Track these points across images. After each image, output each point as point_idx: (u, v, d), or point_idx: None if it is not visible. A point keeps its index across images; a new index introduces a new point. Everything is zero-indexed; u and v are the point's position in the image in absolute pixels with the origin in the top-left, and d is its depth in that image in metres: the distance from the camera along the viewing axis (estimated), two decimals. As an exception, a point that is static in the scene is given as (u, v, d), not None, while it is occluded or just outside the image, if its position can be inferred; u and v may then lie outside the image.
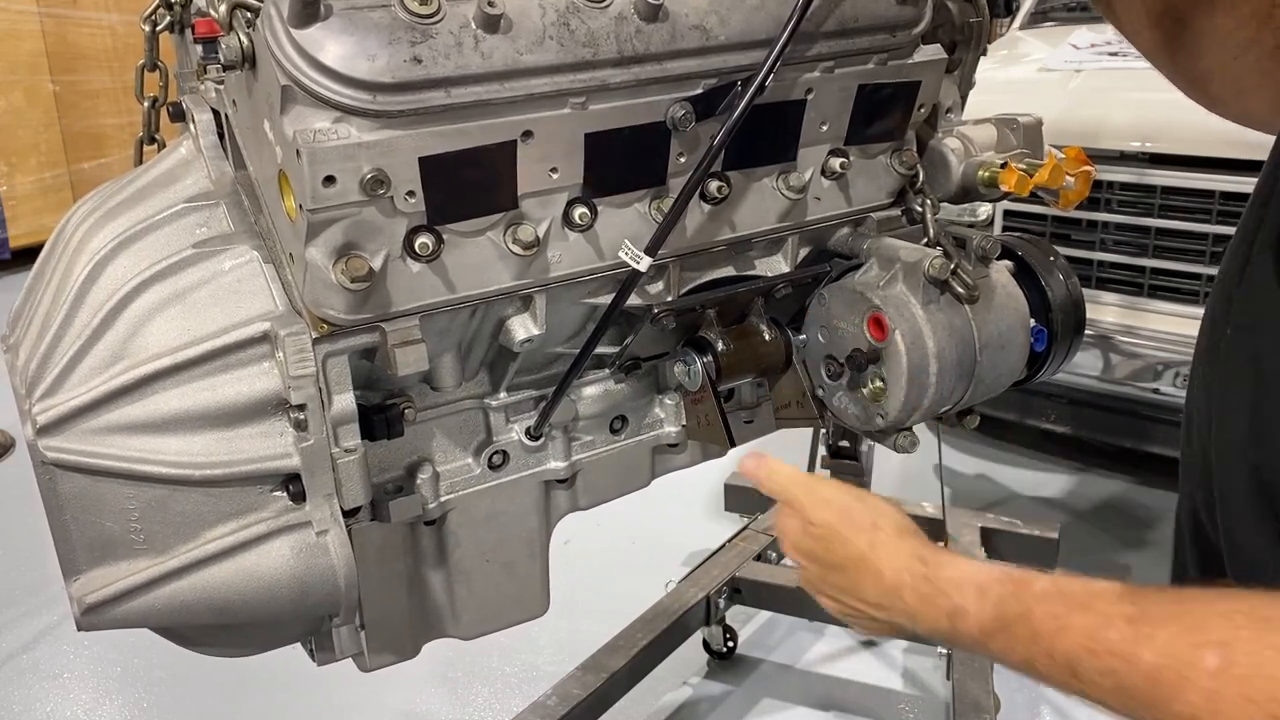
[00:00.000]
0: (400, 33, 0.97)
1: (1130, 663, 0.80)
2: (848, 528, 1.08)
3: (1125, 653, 0.81)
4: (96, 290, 1.11)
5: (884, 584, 1.04)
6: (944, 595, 0.99)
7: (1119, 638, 0.82)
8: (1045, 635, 0.88)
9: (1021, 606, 0.92)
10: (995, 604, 0.94)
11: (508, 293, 1.15)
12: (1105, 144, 2.99)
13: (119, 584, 1.09)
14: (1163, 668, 0.78)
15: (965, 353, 1.29)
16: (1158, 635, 0.79)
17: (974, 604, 0.96)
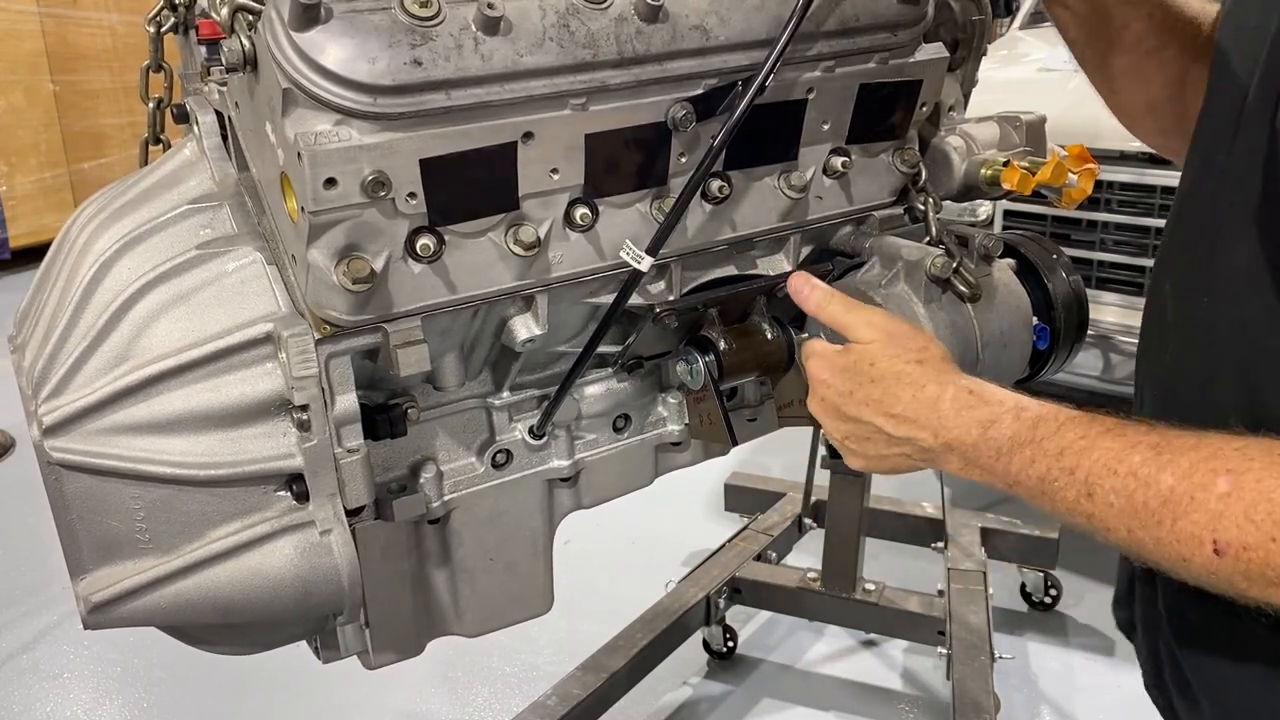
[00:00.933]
0: (400, 35, 0.98)
1: (1149, 484, 0.86)
2: (900, 345, 1.10)
3: (1145, 475, 0.86)
4: (101, 291, 1.11)
5: (924, 394, 1.06)
6: (984, 405, 1.02)
7: (1141, 460, 0.87)
8: (1072, 452, 0.92)
9: (1055, 424, 0.96)
10: (1032, 419, 0.98)
11: (509, 293, 1.16)
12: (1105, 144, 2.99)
13: (125, 583, 1.09)
14: (1177, 489, 0.84)
15: (967, 351, 1.29)
16: (1179, 461, 0.85)
17: (1011, 415, 1.00)
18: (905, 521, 3.28)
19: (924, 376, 1.07)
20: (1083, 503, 0.92)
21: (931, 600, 2.88)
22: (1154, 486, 0.86)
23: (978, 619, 2.74)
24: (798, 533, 3.29)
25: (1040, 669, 2.98)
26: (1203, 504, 0.83)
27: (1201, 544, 0.83)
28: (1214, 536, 0.82)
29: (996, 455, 1.00)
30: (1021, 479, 0.97)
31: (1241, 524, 0.81)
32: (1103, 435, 0.92)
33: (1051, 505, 0.96)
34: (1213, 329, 0.96)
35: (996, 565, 3.02)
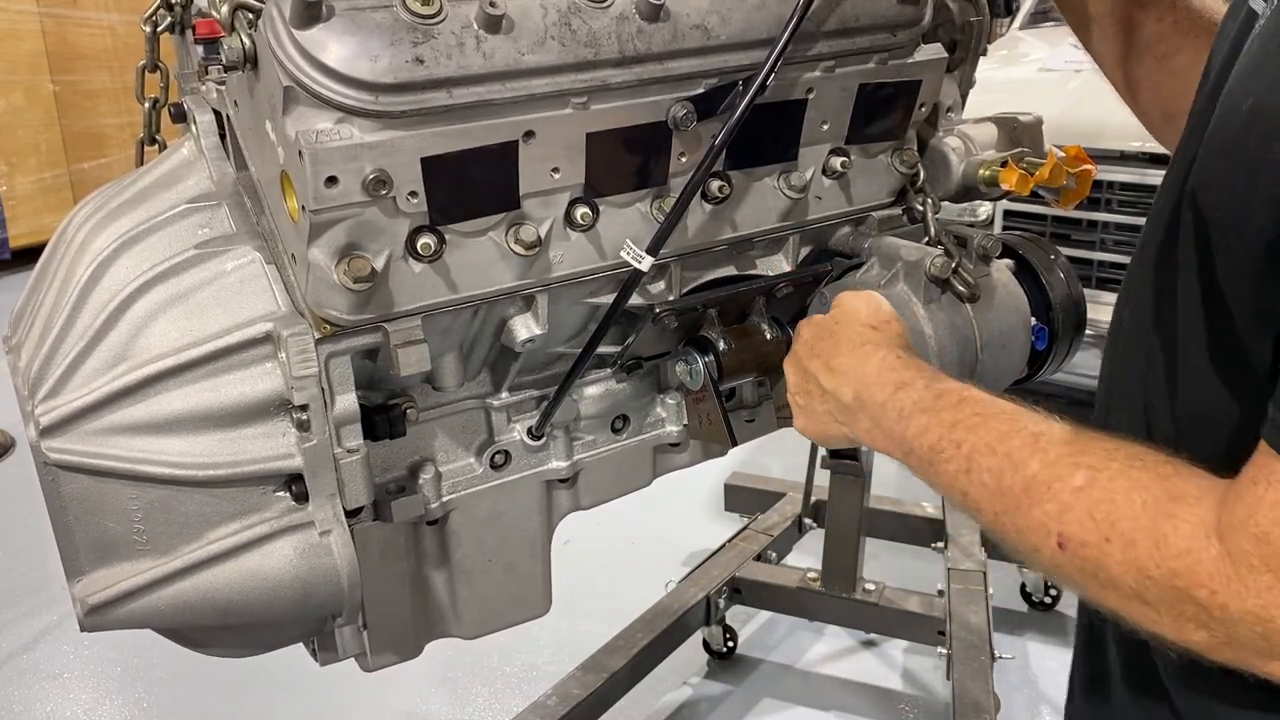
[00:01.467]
0: (402, 33, 0.97)
1: (1017, 468, 0.88)
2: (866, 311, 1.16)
3: (1018, 458, 0.88)
4: (99, 291, 1.11)
5: (860, 352, 1.10)
6: (904, 370, 1.06)
7: (1019, 444, 0.89)
8: (963, 426, 0.95)
9: (957, 398, 0.99)
10: (939, 390, 1.01)
11: (510, 293, 1.15)
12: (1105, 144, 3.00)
13: (122, 585, 1.09)
14: (1040, 477, 0.86)
15: (966, 351, 1.29)
16: (1049, 451, 0.87)
17: (923, 382, 1.03)
18: (905, 521, 3.28)
19: (870, 338, 1.12)
20: (960, 479, 0.94)
21: (931, 600, 2.88)
22: (1021, 471, 0.88)
23: (978, 619, 2.74)
24: (798, 533, 3.30)
25: (1040, 669, 2.98)
26: (1057, 495, 0.84)
27: (1049, 535, 0.84)
28: (1059, 529, 0.83)
29: (898, 417, 1.02)
30: (915, 446, 1.00)
31: (1083, 520, 0.82)
32: (995, 416, 0.94)
33: (936, 478, 0.98)
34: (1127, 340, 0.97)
35: (996, 565, 3.02)
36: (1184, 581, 0.76)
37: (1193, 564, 0.76)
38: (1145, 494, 0.80)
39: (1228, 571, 0.74)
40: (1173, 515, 0.78)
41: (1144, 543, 0.78)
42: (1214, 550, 0.75)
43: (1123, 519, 0.80)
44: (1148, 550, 0.78)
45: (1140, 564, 0.79)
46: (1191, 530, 0.77)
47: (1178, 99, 1.22)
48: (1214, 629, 0.77)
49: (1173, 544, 0.77)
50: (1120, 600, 0.82)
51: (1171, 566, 0.77)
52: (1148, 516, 0.79)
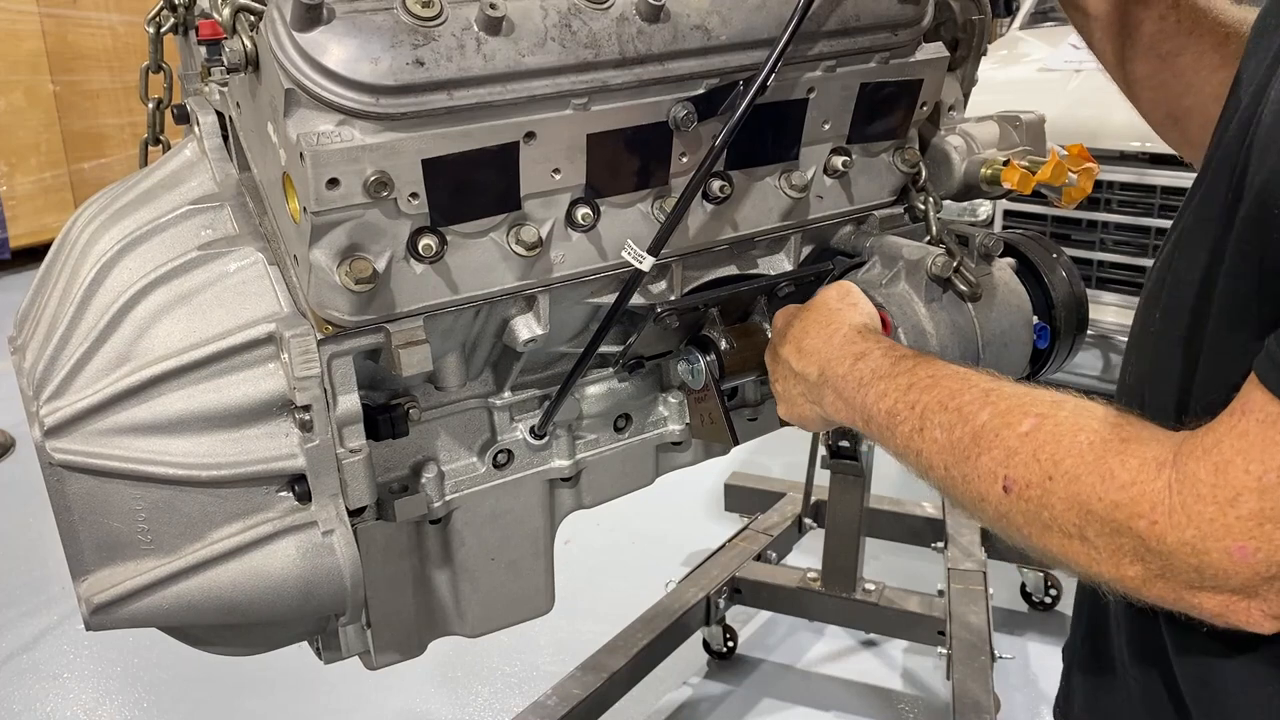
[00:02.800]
0: (403, 35, 0.98)
1: (967, 420, 0.90)
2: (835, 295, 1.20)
3: (968, 411, 0.91)
4: (103, 292, 1.11)
5: (826, 330, 1.14)
6: (863, 341, 1.10)
7: (970, 399, 0.92)
8: (918, 388, 0.98)
9: (913, 362, 1.02)
10: (896, 357, 1.05)
11: (511, 293, 1.16)
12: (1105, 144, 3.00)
13: (127, 584, 1.09)
14: (988, 426, 0.88)
15: (968, 350, 1.29)
16: (999, 404, 0.89)
17: (879, 353, 1.07)
18: (905, 521, 3.28)
19: (836, 318, 1.16)
20: (914, 438, 0.96)
21: (931, 600, 2.88)
22: (971, 422, 0.90)
23: (978, 619, 2.74)
24: (798, 533, 3.30)
25: (1040, 669, 2.98)
26: (1004, 441, 0.86)
27: (995, 480, 0.86)
28: (1005, 473, 0.85)
29: (858, 386, 1.05)
30: (874, 413, 1.02)
31: (1028, 461, 0.83)
32: (948, 377, 0.97)
33: (893, 441, 1.00)
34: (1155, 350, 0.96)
35: (996, 565, 3.02)
36: (1125, 513, 0.78)
37: (1136, 495, 0.77)
38: (1092, 435, 0.81)
39: (1171, 502, 0.75)
40: (1121, 452, 0.79)
41: (1088, 477, 0.80)
42: (1161, 481, 0.76)
43: (1066, 457, 0.81)
44: (1091, 484, 0.79)
45: (1082, 498, 0.80)
46: (1140, 464, 0.78)
47: (1182, 98, 1.21)
48: (1149, 561, 0.77)
49: (1118, 476, 0.78)
50: (1061, 541, 0.83)
51: (1114, 498, 0.78)
52: (1094, 453, 0.80)
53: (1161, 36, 1.20)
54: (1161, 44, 1.20)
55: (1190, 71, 1.19)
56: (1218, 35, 1.17)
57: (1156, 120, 1.28)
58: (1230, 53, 1.15)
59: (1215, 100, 1.17)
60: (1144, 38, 1.21)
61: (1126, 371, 1.03)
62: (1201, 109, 1.20)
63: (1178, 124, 1.25)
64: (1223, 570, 0.74)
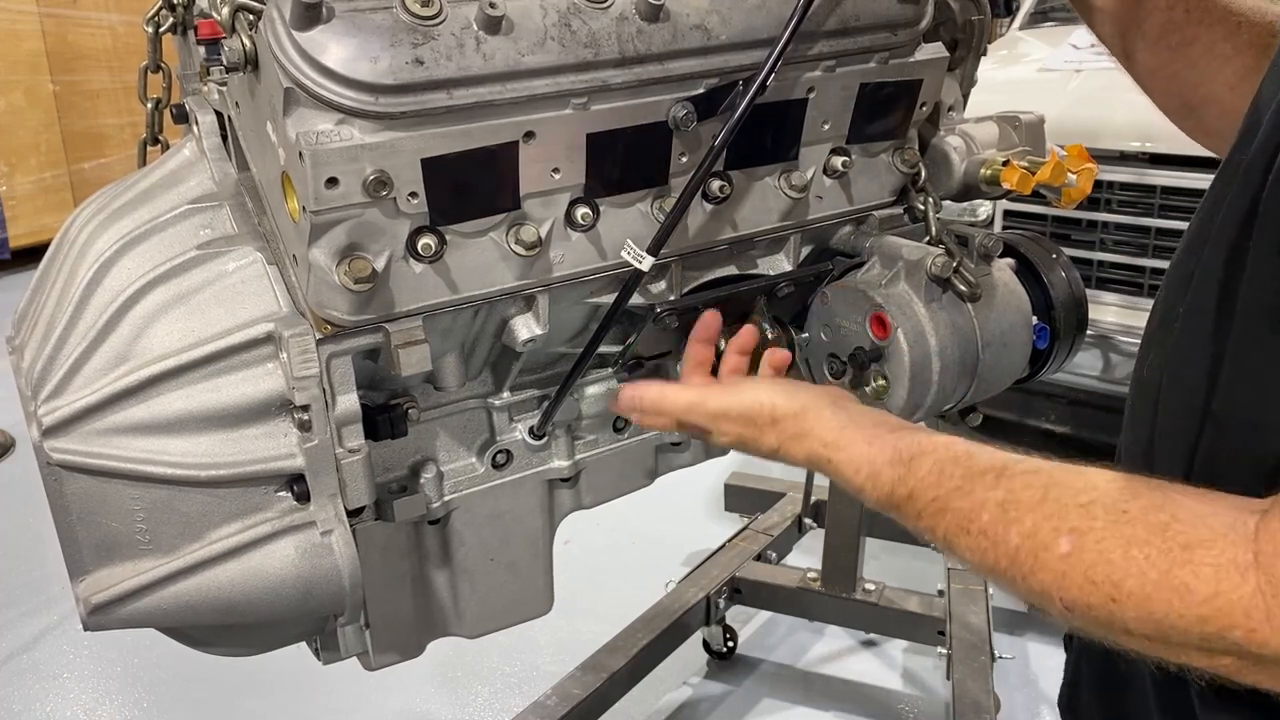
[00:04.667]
0: (402, 34, 0.98)
1: (996, 543, 0.87)
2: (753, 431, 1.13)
3: (994, 535, 0.88)
4: (101, 292, 1.11)
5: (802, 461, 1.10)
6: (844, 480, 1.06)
7: (989, 519, 0.88)
8: (928, 515, 0.95)
9: (907, 490, 0.98)
10: (888, 489, 1.00)
11: (510, 293, 1.15)
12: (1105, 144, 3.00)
13: (125, 584, 1.09)
14: (1022, 549, 0.85)
15: (968, 351, 1.29)
16: (1024, 520, 0.86)
17: (870, 488, 1.02)
18: (905, 521, 3.27)
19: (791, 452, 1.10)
20: (949, 553, 0.95)
21: (931, 600, 2.88)
22: (1002, 546, 0.87)
23: (978, 619, 2.74)
24: (798, 533, 3.30)
25: (1040, 669, 2.98)
26: (1046, 564, 0.83)
27: (1051, 600, 0.83)
28: (1060, 595, 0.82)
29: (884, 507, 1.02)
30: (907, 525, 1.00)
31: (1083, 585, 0.80)
32: (952, 494, 0.93)
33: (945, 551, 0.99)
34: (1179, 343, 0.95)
35: (996, 565, 3.01)
36: (1215, 626, 0.74)
37: (1223, 606, 0.73)
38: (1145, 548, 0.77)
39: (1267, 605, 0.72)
40: (1189, 561, 0.75)
41: (1159, 596, 0.76)
42: (1249, 587, 0.73)
43: (1126, 578, 0.78)
44: (1166, 602, 0.76)
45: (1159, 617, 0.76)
46: (1215, 572, 0.74)
47: (1197, 88, 1.20)
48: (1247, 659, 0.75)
49: (1196, 591, 0.74)
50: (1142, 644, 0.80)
51: (1199, 613, 0.74)
52: (1156, 570, 0.76)
53: (1171, 28, 1.19)
54: (1171, 35, 1.19)
55: (1203, 62, 1.18)
56: (1229, 24, 1.16)
57: (1172, 110, 1.27)
58: (1243, 42, 1.14)
59: (1230, 89, 1.16)
60: (1153, 29, 1.20)
61: (1143, 364, 1.02)
62: (1217, 99, 1.18)
63: (1194, 113, 1.23)
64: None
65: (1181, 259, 0.95)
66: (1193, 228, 0.95)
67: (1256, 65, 1.12)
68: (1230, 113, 1.14)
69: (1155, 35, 1.20)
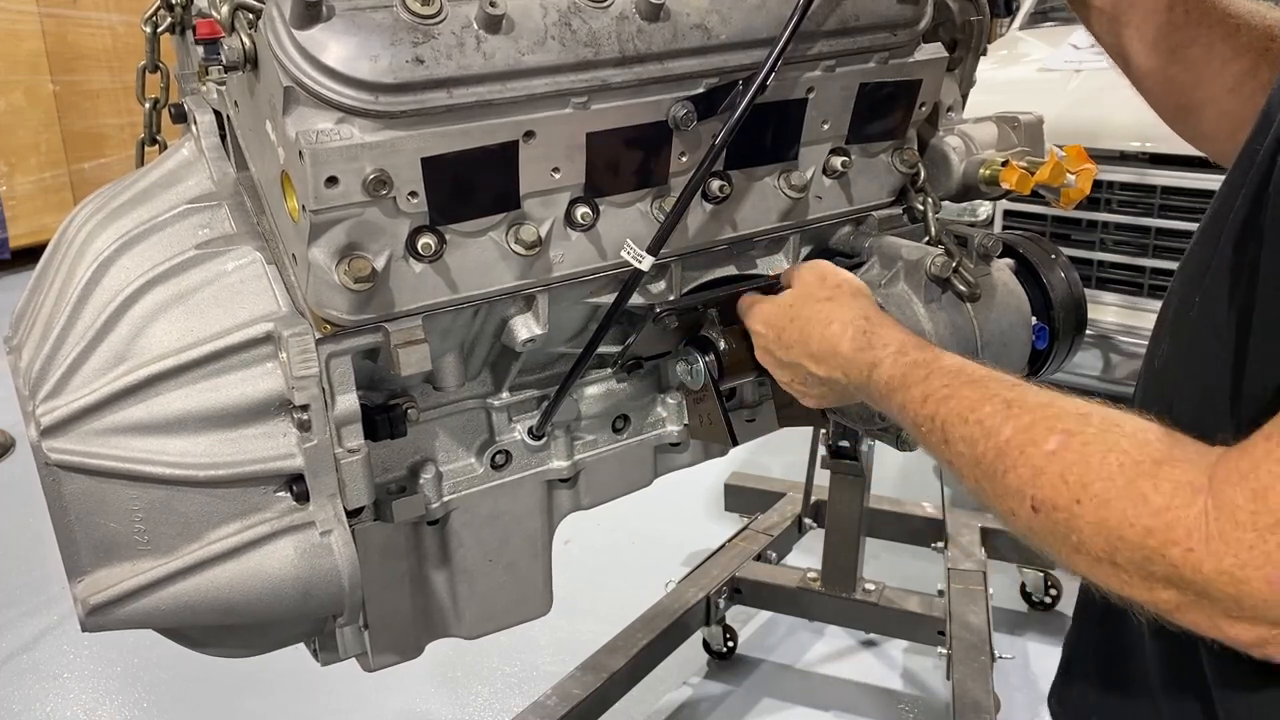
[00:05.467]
0: (402, 33, 0.97)
1: (990, 435, 0.88)
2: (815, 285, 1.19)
3: (991, 425, 0.89)
4: (100, 291, 1.11)
5: (829, 333, 1.13)
6: (871, 349, 1.09)
7: (991, 411, 0.90)
8: (934, 399, 0.97)
9: (925, 371, 1.01)
10: (907, 365, 1.03)
11: (510, 293, 1.15)
12: (1105, 144, 3.00)
13: (123, 585, 1.09)
14: (1012, 442, 0.86)
15: (967, 351, 1.29)
16: (1022, 416, 0.87)
17: (890, 360, 1.06)
18: (905, 521, 3.27)
19: (831, 313, 1.14)
20: (942, 448, 0.95)
21: (931, 600, 2.87)
22: (994, 437, 0.88)
23: (978, 619, 2.74)
24: (798, 533, 3.29)
25: (1040, 669, 2.98)
26: (1030, 459, 0.84)
27: (1023, 499, 0.84)
28: (1032, 492, 0.83)
29: (881, 396, 1.06)
30: (902, 419, 1.03)
31: (1055, 483, 0.81)
32: (965, 385, 0.95)
33: (925, 447, 1.00)
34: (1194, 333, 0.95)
35: (996, 565, 3.02)
36: (1158, 540, 0.75)
37: (1170, 521, 0.75)
38: (1122, 456, 0.79)
39: (1208, 529, 0.73)
40: (1153, 475, 0.77)
41: (1118, 502, 0.77)
42: (1197, 507, 0.74)
43: (1095, 480, 0.79)
44: (1122, 510, 0.77)
45: (1112, 524, 0.78)
46: (1173, 488, 0.75)
47: (1194, 90, 1.20)
48: (1184, 588, 0.75)
49: (1151, 501, 0.76)
50: (1090, 563, 0.81)
51: (1147, 524, 0.76)
52: (1124, 477, 0.78)
53: (1169, 30, 1.18)
54: (1169, 37, 1.18)
55: (1201, 64, 1.17)
56: (1228, 26, 1.15)
57: (1167, 113, 1.27)
58: (1241, 44, 1.13)
59: (1228, 91, 1.15)
60: (1151, 31, 1.19)
61: (1154, 357, 1.02)
62: (1214, 101, 1.18)
63: (1190, 115, 1.23)
64: (1263, 600, 0.72)
65: (1195, 251, 0.95)
66: (1206, 220, 0.95)
67: (1253, 68, 1.12)
68: (1228, 115, 1.13)
69: (1153, 37, 1.19)
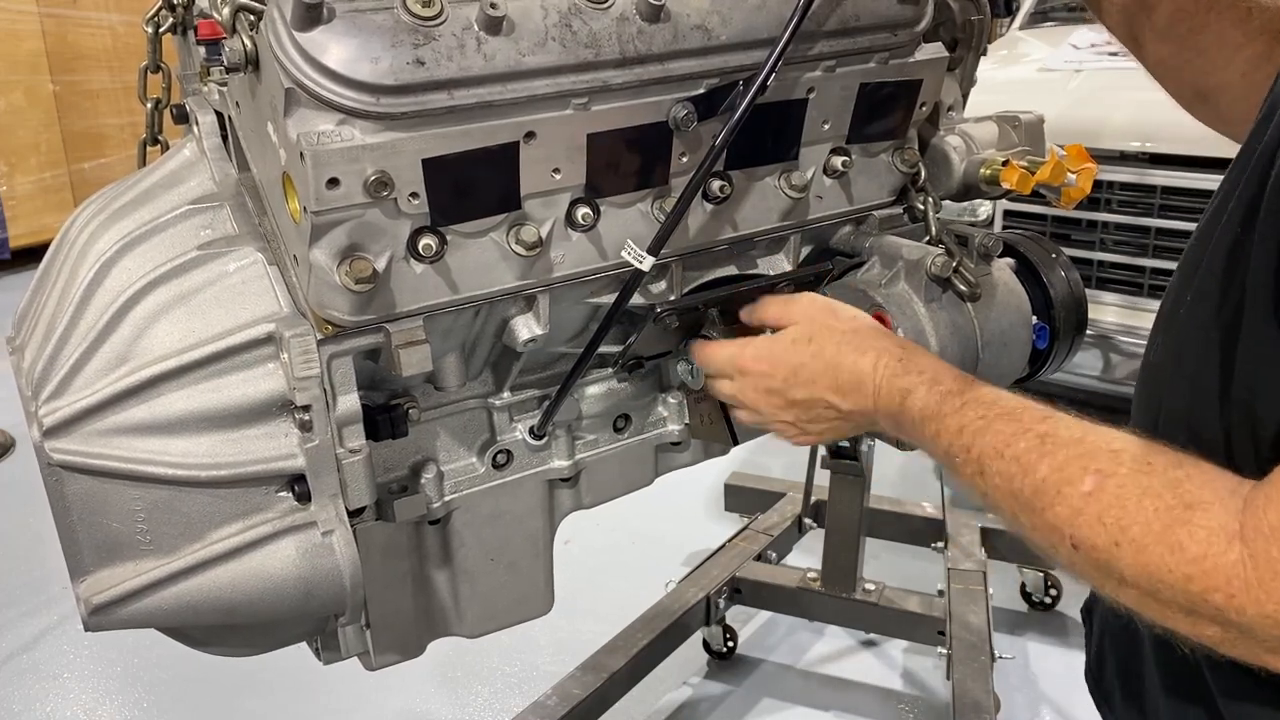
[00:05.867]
0: (403, 35, 0.98)
1: (1027, 471, 0.90)
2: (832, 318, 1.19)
3: (1027, 462, 0.91)
4: (102, 292, 1.11)
5: (862, 363, 1.13)
6: (905, 375, 1.09)
7: (1026, 447, 0.92)
8: (970, 431, 0.98)
9: (960, 401, 1.02)
10: (941, 394, 1.04)
11: (511, 293, 1.16)
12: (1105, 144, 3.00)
13: (126, 584, 1.09)
14: (1049, 481, 0.88)
15: (968, 350, 1.29)
16: (1057, 454, 0.89)
17: (924, 388, 1.06)
18: (905, 521, 3.27)
19: (862, 343, 1.14)
20: (977, 480, 0.97)
21: (931, 600, 2.88)
22: (1030, 475, 0.90)
23: (978, 619, 2.74)
24: (798, 533, 3.29)
25: (1040, 669, 2.98)
26: (1067, 499, 0.86)
27: (1062, 537, 0.87)
28: (1071, 532, 0.86)
29: (914, 425, 1.06)
30: (933, 449, 1.04)
31: (1094, 524, 0.84)
32: (999, 418, 0.97)
33: (957, 477, 1.01)
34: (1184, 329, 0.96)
35: (996, 565, 3.02)
36: (1199, 586, 0.77)
37: (1209, 569, 0.77)
38: (1157, 500, 0.81)
39: (1247, 576, 0.75)
40: (1188, 521, 0.79)
41: (1156, 548, 0.80)
42: (1234, 555, 0.76)
43: (1133, 525, 0.81)
44: (1160, 556, 0.79)
45: (1152, 569, 0.80)
46: (1208, 535, 0.77)
47: (1208, 76, 1.19)
48: (1228, 627, 0.78)
49: (1188, 550, 0.78)
50: (1136, 598, 0.83)
51: (1186, 571, 0.78)
52: (1160, 523, 0.80)
53: (1180, 16, 1.18)
54: (1180, 24, 1.18)
55: (1214, 50, 1.16)
56: (1239, 11, 1.14)
57: (1184, 99, 1.26)
58: (1254, 29, 1.12)
59: (1242, 76, 1.15)
60: (1162, 18, 1.19)
61: (1152, 349, 1.03)
62: (1229, 86, 1.17)
63: (1207, 101, 1.22)
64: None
65: (1193, 247, 0.97)
66: (1204, 218, 0.96)
67: (1268, 53, 1.12)
68: (1243, 100, 1.13)
69: (1164, 24, 1.19)
